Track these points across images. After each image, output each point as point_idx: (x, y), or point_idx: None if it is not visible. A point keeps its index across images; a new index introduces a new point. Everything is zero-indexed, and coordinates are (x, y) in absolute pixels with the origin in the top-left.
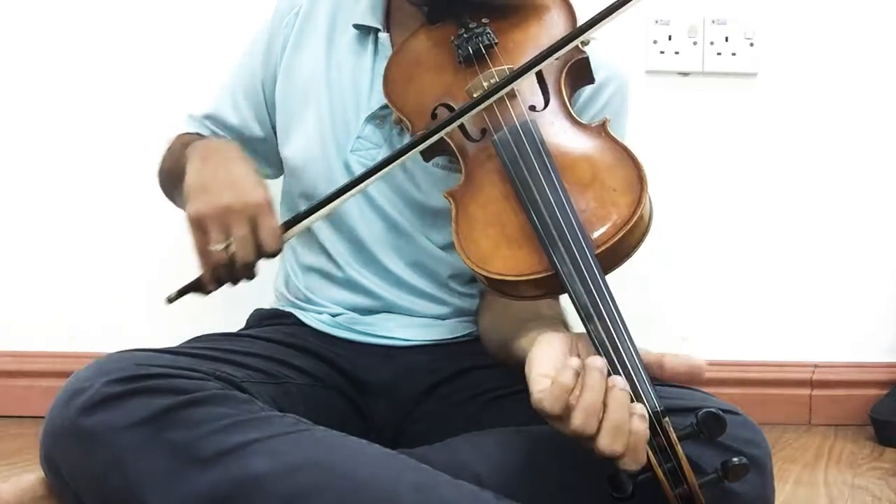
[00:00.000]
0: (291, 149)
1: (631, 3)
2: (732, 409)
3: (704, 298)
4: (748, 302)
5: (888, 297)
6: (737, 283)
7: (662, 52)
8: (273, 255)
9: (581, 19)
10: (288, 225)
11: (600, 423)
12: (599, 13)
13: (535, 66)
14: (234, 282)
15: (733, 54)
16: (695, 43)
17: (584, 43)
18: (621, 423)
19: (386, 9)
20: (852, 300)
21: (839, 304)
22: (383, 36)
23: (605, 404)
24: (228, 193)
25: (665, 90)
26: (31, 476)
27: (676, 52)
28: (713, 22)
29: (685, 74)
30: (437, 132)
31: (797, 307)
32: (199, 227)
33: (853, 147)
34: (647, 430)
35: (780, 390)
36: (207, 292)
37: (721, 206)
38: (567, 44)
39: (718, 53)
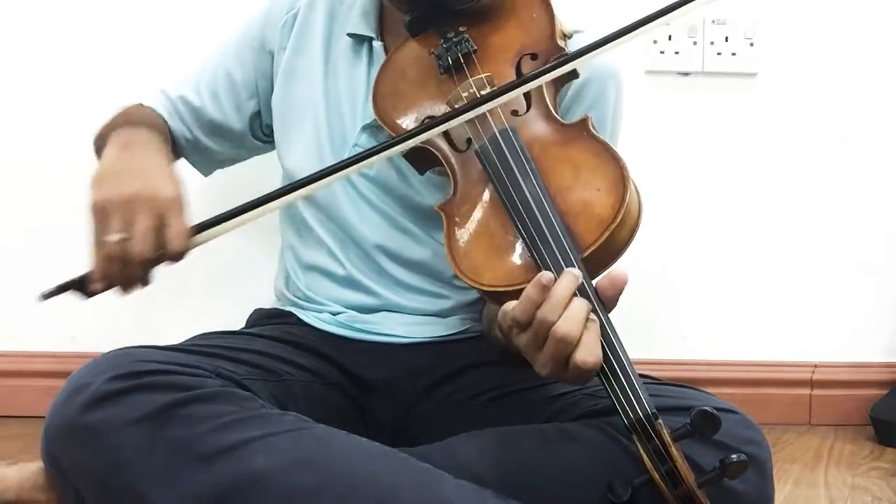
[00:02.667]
0: (292, 158)
1: (632, 33)
2: (731, 408)
3: (704, 298)
4: (748, 302)
5: (888, 297)
6: (736, 282)
7: (662, 52)
8: (176, 257)
9: (559, 14)
10: (200, 227)
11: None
12: (595, 42)
13: (512, 90)
14: (126, 285)
15: (733, 54)
16: (695, 43)
17: (568, 37)
18: (581, 313)
19: (379, 16)
20: (852, 300)
21: (839, 304)
22: (377, 45)
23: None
24: (139, 182)
25: (665, 90)
26: (35, 465)
27: (676, 52)
28: (713, 22)
29: (685, 74)
30: (395, 145)
31: (797, 307)
32: (100, 214)
33: (853, 147)
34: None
35: (780, 390)
36: (91, 292)
37: (721, 206)
38: (555, 69)
39: (718, 53)
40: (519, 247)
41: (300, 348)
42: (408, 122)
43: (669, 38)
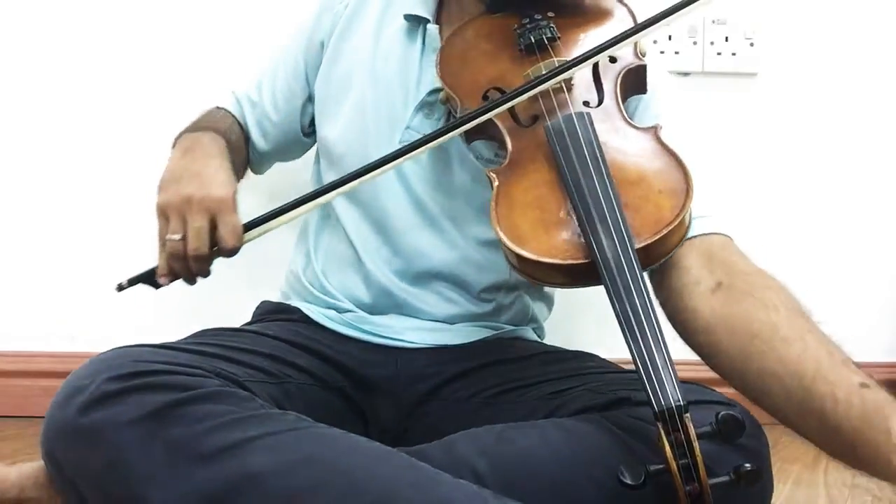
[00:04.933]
0: (330, 135)
1: (689, 7)
2: (729, 401)
3: None
4: None
5: (887, 297)
6: None
7: (662, 52)
8: (230, 252)
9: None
10: (250, 225)
11: None
12: (661, 13)
13: (598, 54)
14: (189, 277)
15: (733, 54)
16: (695, 43)
17: (644, 54)
18: None
19: (439, 1)
20: (852, 300)
21: (839, 303)
22: (432, 28)
23: None
24: (193, 185)
25: None
26: (35, 463)
27: (676, 52)
28: (713, 22)
29: (685, 74)
30: (489, 111)
31: None
32: (162, 215)
33: (853, 147)
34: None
35: None
36: (159, 284)
37: (720, 206)
38: (627, 38)
39: (718, 53)
40: (572, 225)
41: (303, 349)
42: (473, 86)
43: (669, 38)
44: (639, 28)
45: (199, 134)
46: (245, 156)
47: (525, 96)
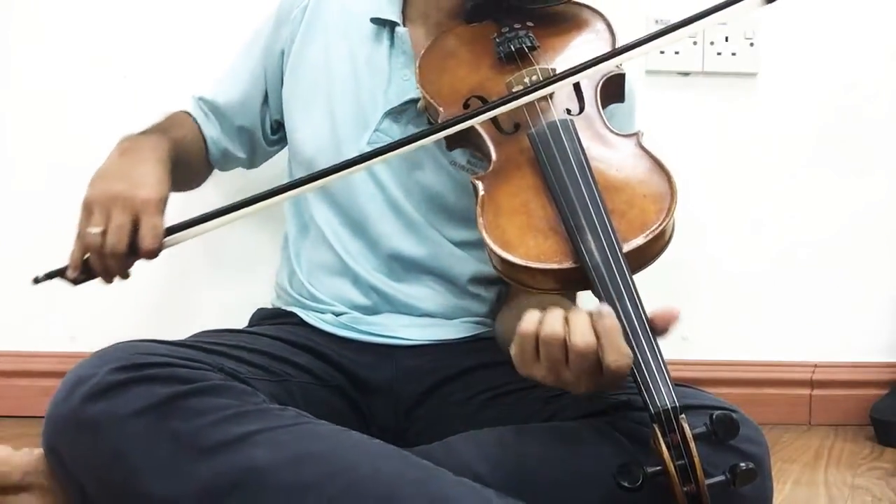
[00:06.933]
0: (300, 138)
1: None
2: (731, 407)
3: (704, 299)
4: (748, 302)
5: (888, 297)
6: (737, 282)
7: (662, 52)
8: (149, 254)
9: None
10: (173, 229)
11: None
12: (649, 35)
13: (580, 71)
14: (105, 274)
15: (733, 54)
16: (695, 43)
17: (620, 63)
18: (583, 318)
19: (403, 2)
20: (852, 300)
21: (839, 304)
22: (401, 30)
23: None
24: (122, 184)
25: (665, 90)
26: (39, 450)
27: (676, 52)
28: (713, 22)
29: (685, 74)
30: (465, 120)
31: (797, 307)
32: (86, 209)
33: (853, 147)
34: (617, 323)
35: (780, 390)
36: (73, 279)
37: (720, 206)
38: (616, 56)
39: (718, 53)
40: (559, 230)
41: (301, 349)
42: (454, 94)
43: None
44: (634, 45)
45: (141, 137)
46: (203, 156)
47: (510, 107)
